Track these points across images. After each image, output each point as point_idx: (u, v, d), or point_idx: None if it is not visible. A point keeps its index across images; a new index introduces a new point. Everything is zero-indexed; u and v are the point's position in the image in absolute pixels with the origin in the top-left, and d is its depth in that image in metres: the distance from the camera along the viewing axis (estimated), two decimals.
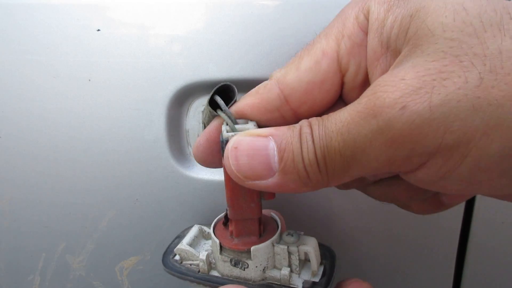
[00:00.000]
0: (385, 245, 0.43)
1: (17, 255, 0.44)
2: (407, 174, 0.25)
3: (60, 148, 0.40)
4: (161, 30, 0.38)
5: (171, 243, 0.37)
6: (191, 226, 0.37)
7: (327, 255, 0.34)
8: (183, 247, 0.34)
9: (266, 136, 0.26)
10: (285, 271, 0.31)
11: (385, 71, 0.26)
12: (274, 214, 0.35)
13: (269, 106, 0.30)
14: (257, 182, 0.26)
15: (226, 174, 0.28)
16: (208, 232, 0.37)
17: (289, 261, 0.32)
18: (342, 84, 0.30)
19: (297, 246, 0.31)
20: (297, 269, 0.32)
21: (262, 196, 0.31)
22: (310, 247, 0.31)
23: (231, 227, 0.32)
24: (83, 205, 0.42)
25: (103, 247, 0.43)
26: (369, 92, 0.23)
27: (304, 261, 0.33)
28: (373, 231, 0.42)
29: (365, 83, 0.29)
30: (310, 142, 0.24)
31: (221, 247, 0.32)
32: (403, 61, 0.23)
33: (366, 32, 0.28)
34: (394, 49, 0.25)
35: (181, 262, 0.35)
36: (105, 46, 0.38)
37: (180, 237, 0.37)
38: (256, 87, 0.31)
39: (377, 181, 0.33)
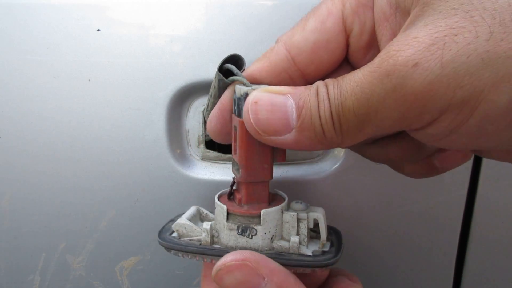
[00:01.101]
0: (385, 245, 0.43)
1: (17, 255, 0.44)
2: (417, 131, 0.25)
3: (60, 148, 0.40)
4: (161, 30, 0.38)
5: (165, 225, 0.35)
6: (187, 210, 0.36)
7: (332, 232, 0.34)
8: (182, 222, 0.33)
9: (284, 94, 0.26)
10: (295, 239, 0.30)
11: (395, 31, 0.27)
12: (279, 191, 0.34)
13: (277, 68, 0.30)
14: (274, 137, 0.26)
15: (241, 133, 0.29)
16: (206, 214, 0.36)
17: (298, 230, 0.31)
18: (347, 45, 0.30)
19: (307, 213, 0.31)
20: (305, 239, 0.31)
21: (274, 158, 0.31)
22: (320, 213, 0.31)
23: (240, 195, 0.31)
24: (83, 205, 0.42)
25: (103, 247, 0.43)
26: (383, 53, 0.23)
27: (310, 238, 0.32)
28: (373, 230, 0.42)
29: (371, 44, 0.29)
30: (326, 101, 0.25)
31: (228, 213, 0.31)
32: (415, 21, 0.23)
33: None
34: (403, 9, 0.26)
35: (179, 239, 0.33)
36: (105, 46, 0.38)
37: (174, 220, 0.35)
38: (264, 52, 0.31)
39: (373, 142, 0.33)
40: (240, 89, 0.29)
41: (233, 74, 0.30)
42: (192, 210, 0.35)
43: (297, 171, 0.41)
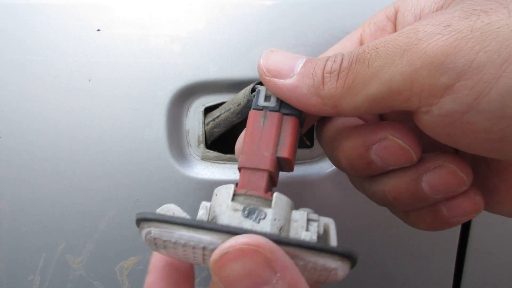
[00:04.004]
0: (385, 244, 0.43)
1: (17, 255, 0.44)
2: (427, 109, 0.23)
3: (60, 148, 0.40)
4: (161, 30, 0.38)
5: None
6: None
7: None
8: (171, 205, 0.28)
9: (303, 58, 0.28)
10: (306, 233, 0.26)
11: None
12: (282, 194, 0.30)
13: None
14: (275, 79, 0.27)
15: (248, 121, 0.29)
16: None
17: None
18: None
19: (318, 216, 0.27)
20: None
21: (281, 166, 0.30)
22: (331, 220, 0.27)
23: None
24: (83, 205, 0.42)
25: (103, 247, 0.43)
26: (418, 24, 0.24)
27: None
28: (372, 230, 0.42)
29: None
30: (339, 57, 0.25)
31: (234, 194, 0.26)
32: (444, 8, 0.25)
33: (391, 20, 0.29)
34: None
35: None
36: (105, 46, 0.38)
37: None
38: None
39: (371, 178, 0.31)
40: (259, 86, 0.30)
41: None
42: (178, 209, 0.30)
43: (297, 171, 0.41)
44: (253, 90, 0.32)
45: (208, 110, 0.41)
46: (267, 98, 0.30)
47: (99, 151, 0.40)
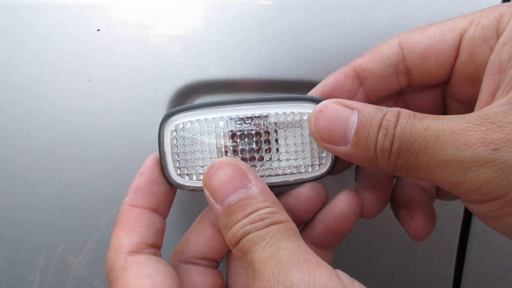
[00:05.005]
0: (385, 244, 0.43)
1: (17, 255, 0.44)
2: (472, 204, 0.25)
3: (60, 148, 0.40)
4: (161, 30, 0.38)
5: None
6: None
7: None
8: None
9: (352, 109, 0.27)
10: None
11: (498, 86, 0.26)
12: None
13: (387, 61, 0.30)
14: (330, 145, 0.28)
15: None
16: None
17: None
18: (452, 66, 0.30)
19: None
20: None
21: None
22: None
23: None
24: (83, 205, 0.42)
25: (103, 247, 0.43)
26: (474, 119, 0.24)
27: None
28: (373, 230, 0.42)
29: (472, 80, 0.29)
30: (390, 131, 0.26)
31: None
32: None
33: (498, 37, 0.27)
34: None
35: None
36: (105, 46, 0.38)
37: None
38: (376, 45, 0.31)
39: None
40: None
41: None
42: None
43: None
44: None
45: None
46: None
47: (99, 151, 0.40)
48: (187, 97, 0.40)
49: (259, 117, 0.31)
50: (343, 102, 0.28)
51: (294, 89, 0.40)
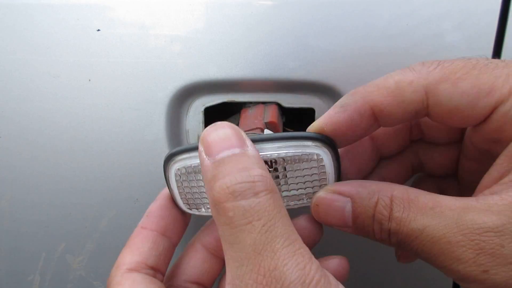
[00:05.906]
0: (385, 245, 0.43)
1: (17, 255, 0.44)
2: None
3: (60, 148, 0.40)
4: (161, 30, 0.38)
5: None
6: None
7: None
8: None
9: (346, 197, 0.28)
10: None
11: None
12: None
13: (409, 107, 0.28)
14: (335, 228, 0.29)
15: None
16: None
17: None
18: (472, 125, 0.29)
19: None
20: None
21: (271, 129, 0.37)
22: None
23: None
24: (83, 205, 0.42)
25: (103, 247, 0.43)
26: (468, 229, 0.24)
27: None
28: None
29: (491, 146, 0.28)
30: (385, 226, 0.27)
31: None
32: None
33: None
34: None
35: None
36: (105, 46, 0.38)
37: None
38: (392, 77, 0.28)
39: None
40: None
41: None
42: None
43: None
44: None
45: (208, 110, 0.41)
46: None
47: (99, 151, 0.40)
48: (187, 97, 0.40)
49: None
50: (337, 190, 0.28)
51: (294, 89, 0.40)
